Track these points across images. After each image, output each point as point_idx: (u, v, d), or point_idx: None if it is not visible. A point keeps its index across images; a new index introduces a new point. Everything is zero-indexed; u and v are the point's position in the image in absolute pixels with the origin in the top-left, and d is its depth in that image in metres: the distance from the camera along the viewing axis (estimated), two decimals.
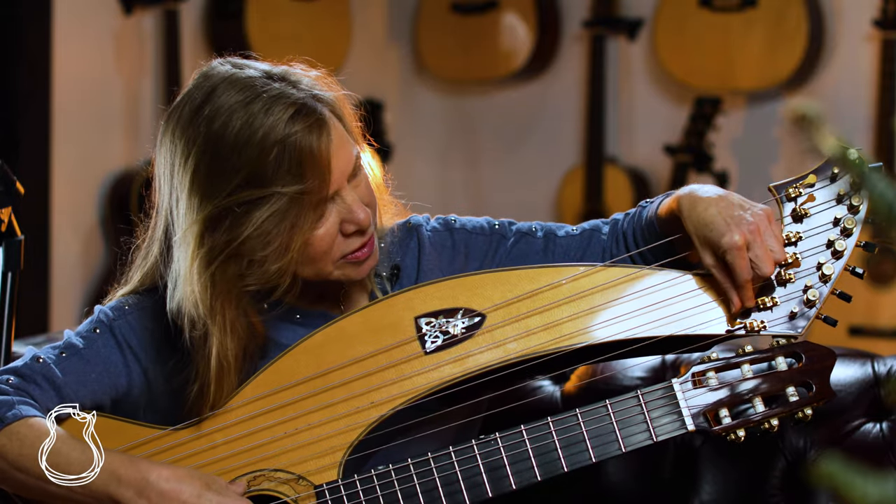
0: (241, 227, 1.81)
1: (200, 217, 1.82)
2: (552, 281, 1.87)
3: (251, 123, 1.80)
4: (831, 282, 1.83)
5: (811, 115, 1.09)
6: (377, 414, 1.86)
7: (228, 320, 1.85)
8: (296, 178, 1.79)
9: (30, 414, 1.86)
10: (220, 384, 1.87)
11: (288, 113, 1.80)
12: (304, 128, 1.80)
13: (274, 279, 1.85)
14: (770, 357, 1.83)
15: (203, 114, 1.83)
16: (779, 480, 2.17)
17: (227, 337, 1.85)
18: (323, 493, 1.86)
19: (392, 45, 5.20)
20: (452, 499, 1.84)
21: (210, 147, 1.82)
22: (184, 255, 1.84)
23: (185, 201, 1.84)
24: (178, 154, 1.85)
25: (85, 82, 4.45)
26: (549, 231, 2.02)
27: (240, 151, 1.80)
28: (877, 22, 4.19)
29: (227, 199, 1.81)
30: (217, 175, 1.81)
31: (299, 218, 1.81)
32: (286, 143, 1.79)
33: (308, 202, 1.81)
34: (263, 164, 1.79)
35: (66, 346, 1.94)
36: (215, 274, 1.84)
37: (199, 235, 1.83)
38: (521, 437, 1.83)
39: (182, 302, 1.86)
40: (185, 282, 1.85)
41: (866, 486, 1.01)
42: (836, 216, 1.85)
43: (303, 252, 1.85)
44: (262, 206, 1.80)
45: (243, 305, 1.88)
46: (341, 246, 1.87)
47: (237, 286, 1.85)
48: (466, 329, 1.86)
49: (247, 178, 1.80)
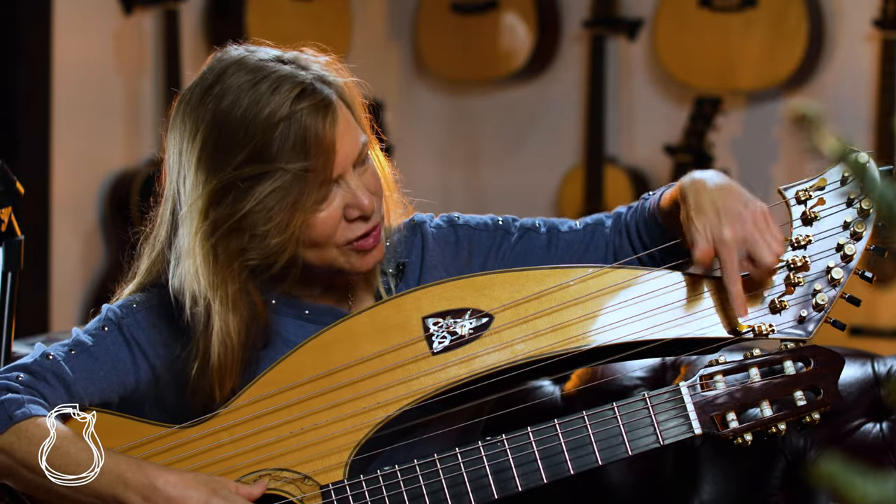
0: (244, 201, 1.84)
1: (206, 191, 1.85)
2: (560, 282, 1.86)
3: (258, 101, 1.83)
4: (840, 286, 1.83)
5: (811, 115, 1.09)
6: (384, 414, 1.86)
7: (230, 295, 1.87)
8: (299, 156, 1.82)
9: (39, 413, 1.86)
10: (222, 362, 1.88)
11: (294, 92, 1.84)
12: (310, 107, 1.83)
13: (275, 255, 1.86)
14: (778, 361, 1.83)
15: (213, 93, 1.87)
16: (779, 480, 2.17)
17: (228, 313, 1.87)
18: (329, 493, 1.86)
19: (392, 45, 5.20)
20: (458, 500, 1.83)
21: (218, 124, 1.85)
22: (187, 230, 1.87)
23: (191, 177, 1.86)
24: (187, 132, 1.87)
25: (85, 82, 4.45)
26: (552, 226, 2.02)
27: (246, 127, 1.83)
28: (877, 22, 4.19)
29: (231, 173, 1.83)
30: (223, 150, 1.84)
31: (302, 195, 1.83)
32: (291, 121, 1.82)
33: (311, 181, 1.83)
34: (269, 140, 1.82)
35: (76, 344, 1.94)
36: (217, 247, 1.85)
37: (204, 209, 1.85)
38: (528, 438, 1.83)
39: (184, 277, 1.87)
40: (188, 255, 1.87)
41: (866, 486, 1.01)
42: (846, 220, 1.84)
43: (306, 234, 1.86)
44: (266, 181, 1.83)
45: (244, 281, 1.89)
46: (345, 231, 1.88)
47: (239, 260, 1.87)
48: (474, 330, 1.86)
49: (252, 154, 1.83)
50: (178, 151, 1.89)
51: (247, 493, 1.85)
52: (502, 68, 4.88)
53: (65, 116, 4.39)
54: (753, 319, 1.84)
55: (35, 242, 4.18)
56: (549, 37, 4.85)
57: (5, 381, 1.88)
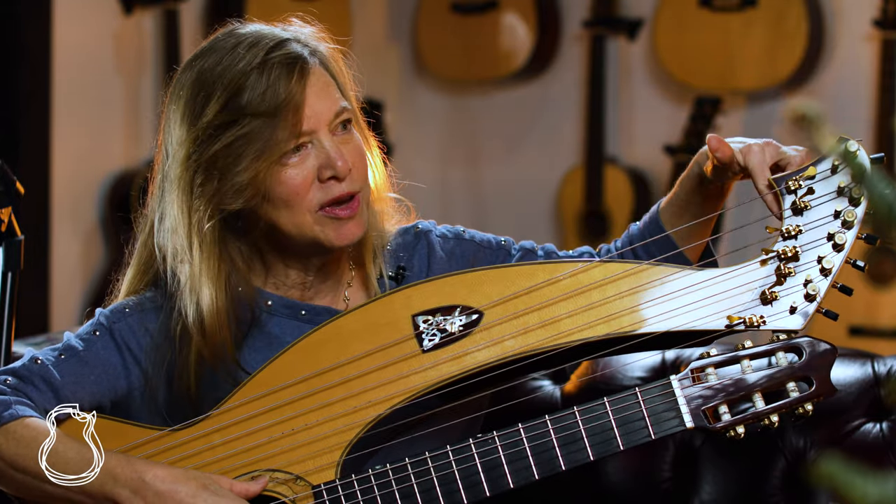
0: (215, 144, 1.89)
1: (186, 142, 1.90)
2: (549, 277, 1.86)
3: (236, 56, 1.91)
4: (832, 275, 1.81)
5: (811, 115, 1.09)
6: (375, 413, 1.86)
7: (207, 242, 1.90)
8: (267, 105, 1.87)
9: (26, 414, 1.86)
10: (210, 322, 1.89)
11: (269, 46, 1.91)
12: (282, 57, 1.90)
13: (246, 194, 1.88)
14: (770, 352, 1.81)
15: (200, 57, 1.94)
16: (779, 480, 2.17)
17: (207, 260, 1.90)
18: (321, 493, 1.86)
19: (392, 45, 5.20)
20: (450, 498, 1.83)
21: (200, 80, 1.91)
22: (170, 184, 1.92)
23: (175, 133, 1.92)
24: (174, 94, 1.94)
25: (85, 82, 4.45)
26: (550, 251, 2.05)
27: (222, 78, 1.89)
28: (877, 22, 4.19)
29: (208, 122, 1.89)
30: (202, 103, 1.90)
31: (269, 144, 1.87)
32: (263, 70, 1.88)
33: (279, 131, 1.87)
34: (240, 88, 1.88)
35: (65, 349, 1.94)
36: (193, 191, 1.90)
37: (184, 159, 1.90)
38: (519, 435, 1.82)
39: (167, 231, 1.91)
40: (169, 206, 1.91)
41: (866, 486, 1.01)
42: (836, 209, 1.82)
43: (276, 190, 1.89)
44: (234, 127, 1.88)
45: (221, 231, 1.92)
46: (317, 193, 1.90)
47: (214, 204, 1.90)
48: (464, 327, 1.86)
49: (225, 102, 1.88)
50: (168, 115, 1.94)
51: (243, 490, 1.85)
52: (502, 68, 4.88)
53: (65, 116, 4.39)
54: (744, 311, 1.82)
55: (35, 242, 4.19)
56: (549, 37, 4.85)
57: None
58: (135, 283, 2.00)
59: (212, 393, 1.92)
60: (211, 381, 1.93)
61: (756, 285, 1.82)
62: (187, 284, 1.90)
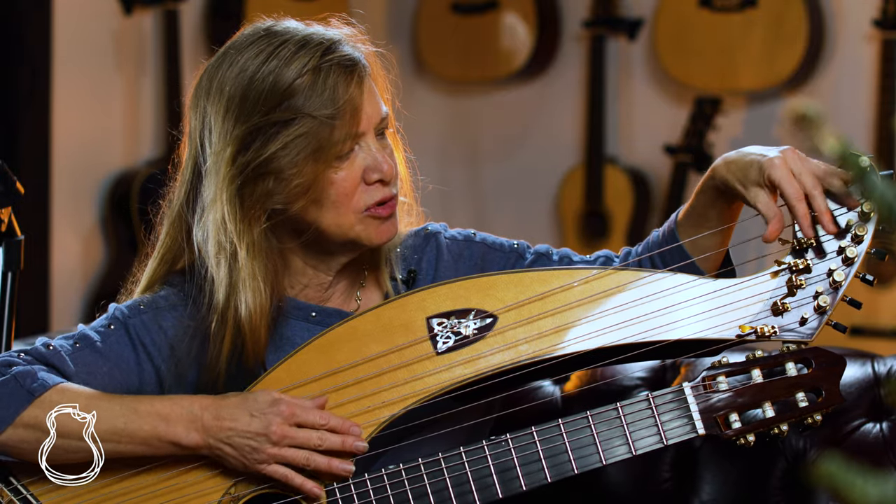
0: (271, 144, 1.87)
1: (234, 137, 1.88)
2: (564, 283, 1.87)
3: (287, 56, 1.89)
4: (842, 288, 1.82)
5: (811, 115, 1.09)
6: (388, 413, 1.87)
7: (256, 241, 1.89)
8: (327, 105, 1.86)
9: (55, 382, 1.87)
10: (254, 321, 1.89)
11: (324, 46, 1.89)
12: (339, 60, 1.88)
13: (298, 195, 1.88)
14: (780, 362, 1.83)
15: (241, 53, 1.91)
16: (779, 480, 2.18)
17: (255, 259, 1.89)
18: (333, 491, 1.87)
19: (392, 45, 5.20)
20: (463, 499, 1.84)
21: (247, 76, 1.89)
22: (213, 179, 1.89)
23: (218, 128, 1.89)
24: (214, 89, 1.91)
25: (85, 82, 4.45)
26: (564, 255, 2.04)
27: (275, 78, 1.87)
28: (877, 22, 4.19)
29: (259, 119, 1.87)
30: (252, 100, 1.87)
31: (326, 145, 1.86)
32: (320, 71, 1.87)
33: (337, 131, 1.86)
34: (297, 89, 1.86)
35: (81, 338, 1.94)
36: (244, 190, 1.88)
37: (232, 156, 1.88)
38: (532, 438, 1.83)
39: (209, 226, 1.89)
40: (214, 202, 1.89)
41: (866, 486, 1.02)
42: (847, 222, 1.84)
43: (326, 191, 1.89)
44: (293, 126, 1.87)
45: (268, 229, 1.91)
46: (364, 195, 1.91)
47: (264, 205, 1.89)
48: (478, 330, 1.87)
49: (280, 101, 1.87)
50: (203, 108, 1.92)
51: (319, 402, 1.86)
52: (502, 68, 4.88)
53: (65, 116, 4.39)
54: (756, 321, 1.84)
55: (35, 242, 4.18)
56: (549, 37, 4.85)
57: (6, 358, 1.89)
58: (157, 275, 2.00)
59: (231, 390, 1.92)
60: (234, 377, 1.93)
61: (767, 296, 1.84)
62: (230, 282, 1.89)
